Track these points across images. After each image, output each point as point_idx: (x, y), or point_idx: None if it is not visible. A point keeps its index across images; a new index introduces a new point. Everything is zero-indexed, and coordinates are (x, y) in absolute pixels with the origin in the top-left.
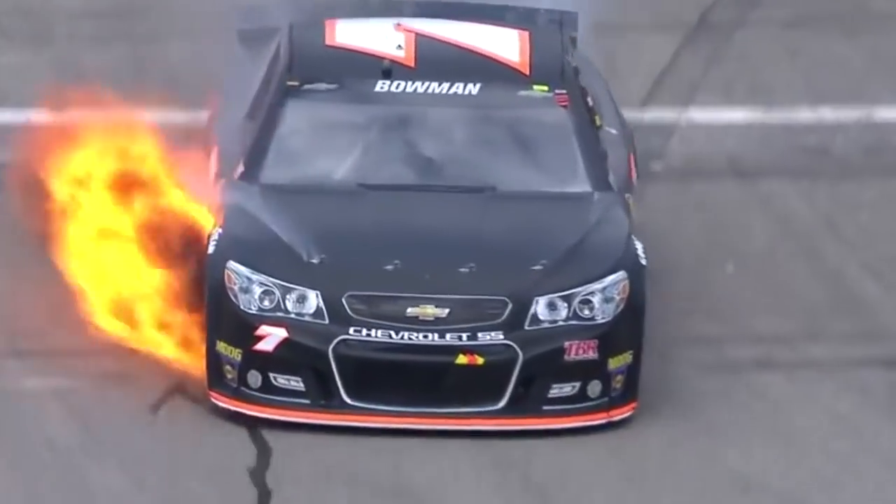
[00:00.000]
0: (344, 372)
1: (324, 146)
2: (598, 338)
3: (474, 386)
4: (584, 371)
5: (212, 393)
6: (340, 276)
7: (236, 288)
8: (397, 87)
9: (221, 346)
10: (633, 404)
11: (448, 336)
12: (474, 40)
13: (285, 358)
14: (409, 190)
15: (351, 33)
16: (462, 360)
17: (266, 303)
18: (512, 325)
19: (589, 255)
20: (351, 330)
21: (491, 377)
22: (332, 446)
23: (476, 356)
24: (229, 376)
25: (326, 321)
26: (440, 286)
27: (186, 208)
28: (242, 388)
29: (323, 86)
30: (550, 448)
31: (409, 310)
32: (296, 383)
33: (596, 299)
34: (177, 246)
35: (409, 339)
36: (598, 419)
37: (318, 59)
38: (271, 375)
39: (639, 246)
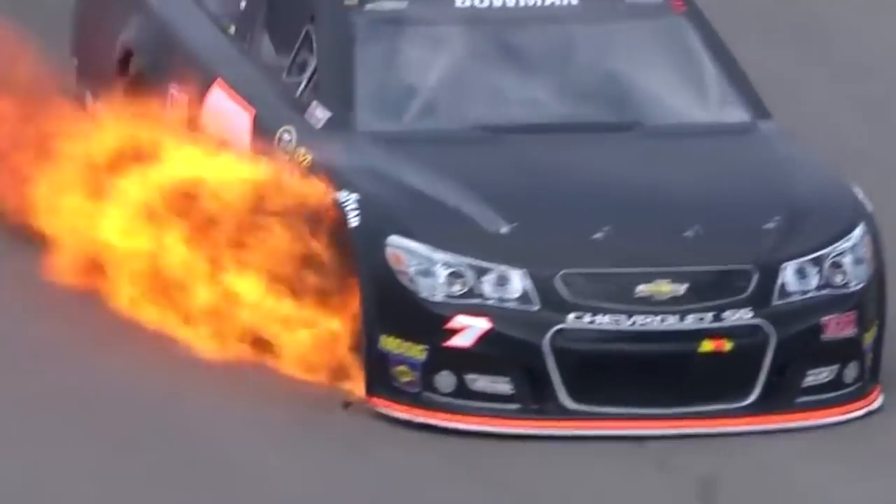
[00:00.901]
0: (563, 369)
1: (415, 82)
2: (855, 308)
3: (721, 378)
4: (842, 351)
5: (374, 399)
6: (546, 249)
7: (411, 271)
8: (481, 2)
9: (391, 343)
10: (879, 386)
11: (690, 318)
12: None
13: (488, 355)
14: (545, 132)
15: None
16: (707, 346)
17: (456, 287)
18: (759, 300)
19: (819, 206)
20: (570, 317)
21: (740, 366)
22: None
23: (724, 341)
24: (405, 379)
25: (537, 307)
26: (671, 256)
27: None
28: (426, 394)
29: (389, 4)
30: None
31: (640, 287)
32: (502, 385)
33: (847, 261)
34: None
35: (643, 324)
36: (858, 409)
37: None
38: (468, 377)
39: (857, 190)
